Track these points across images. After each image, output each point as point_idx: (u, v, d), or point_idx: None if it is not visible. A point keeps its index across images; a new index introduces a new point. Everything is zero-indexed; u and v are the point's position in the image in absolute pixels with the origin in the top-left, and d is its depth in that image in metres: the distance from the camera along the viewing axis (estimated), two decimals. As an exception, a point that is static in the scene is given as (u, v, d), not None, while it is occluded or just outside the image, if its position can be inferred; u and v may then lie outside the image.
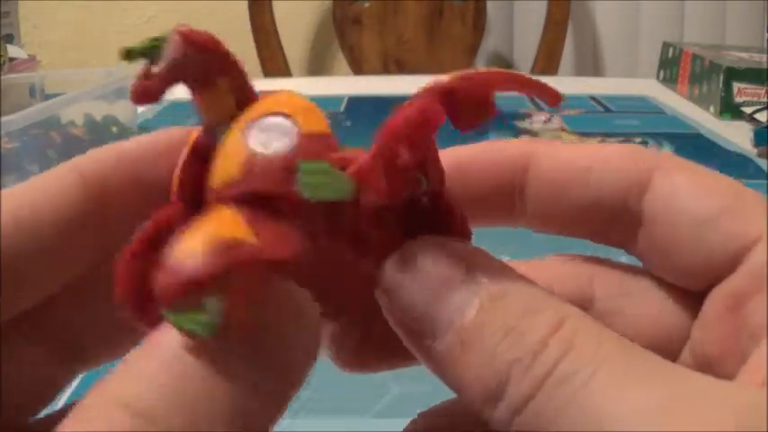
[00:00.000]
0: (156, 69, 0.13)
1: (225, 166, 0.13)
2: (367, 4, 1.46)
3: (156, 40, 0.13)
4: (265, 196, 0.12)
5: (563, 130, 0.75)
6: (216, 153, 0.13)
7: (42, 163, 0.57)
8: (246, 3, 1.40)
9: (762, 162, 0.64)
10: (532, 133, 0.74)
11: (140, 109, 0.77)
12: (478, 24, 1.48)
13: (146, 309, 0.12)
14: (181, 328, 0.11)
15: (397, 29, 1.47)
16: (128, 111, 0.71)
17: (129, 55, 0.13)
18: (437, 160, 0.14)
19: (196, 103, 0.14)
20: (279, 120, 0.13)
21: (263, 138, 0.12)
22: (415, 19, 1.47)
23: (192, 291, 0.11)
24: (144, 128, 0.76)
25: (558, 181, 0.16)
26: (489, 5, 1.49)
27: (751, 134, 0.68)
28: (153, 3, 1.60)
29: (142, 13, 1.61)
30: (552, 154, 0.16)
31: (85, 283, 0.15)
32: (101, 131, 0.67)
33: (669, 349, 0.16)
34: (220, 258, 0.11)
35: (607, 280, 0.17)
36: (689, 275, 0.15)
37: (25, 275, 0.14)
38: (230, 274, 0.11)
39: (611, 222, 0.16)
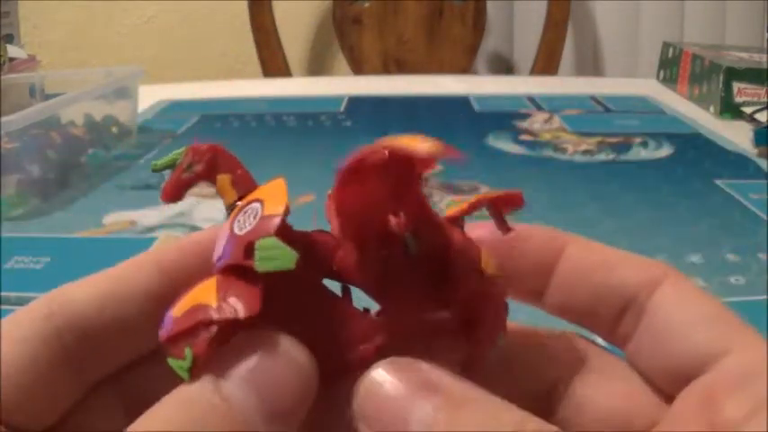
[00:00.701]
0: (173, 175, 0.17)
1: (218, 244, 0.16)
2: (367, 4, 1.46)
3: (176, 154, 0.17)
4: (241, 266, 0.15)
5: (563, 130, 0.75)
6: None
7: (42, 163, 0.57)
8: (246, 3, 1.40)
9: (762, 162, 0.64)
10: (532, 133, 0.74)
11: (140, 109, 0.77)
12: (478, 24, 1.48)
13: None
14: (174, 370, 0.14)
15: (397, 29, 1.47)
16: (128, 111, 0.71)
17: (157, 168, 0.17)
18: (432, 223, 0.16)
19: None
20: (255, 205, 0.16)
21: (241, 221, 0.16)
22: (415, 19, 1.47)
23: (174, 342, 0.14)
24: (144, 128, 0.76)
25: (587, 264, 0.18)
26: (489, 5, 1.49)
27: (751, 134, 0.68)
28: (153, 3, 1.60)
29: (142, 13, 1.61)
30: (584, 243, 0.19)
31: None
32: (101, 131, 0.67)
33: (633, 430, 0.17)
34: (186, 320, 0.14)
35: (594, 357, 0.18)
36: (671, 371, 0.17)
37: (110, 344, 0.17)
38: (198, 328, 0.14)
39: (620, 313, 0.18)
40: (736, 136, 0.72)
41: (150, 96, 0.88)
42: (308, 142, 0.72)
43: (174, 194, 0.17)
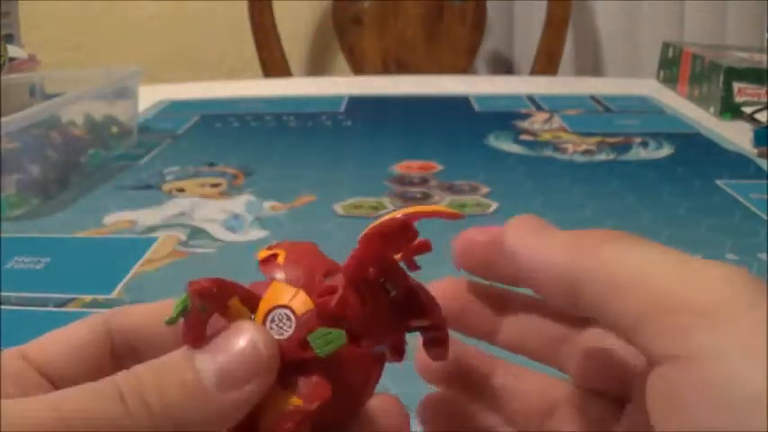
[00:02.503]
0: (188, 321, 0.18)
1: None
2: (367, 4, 1.46)
3: (183, 301, 0.18)
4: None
5: (563, 130, 0.75)
6: None
7: (42, 163, 0.57)
8: (246, 3, 1.40)
9: (762, 162, 0.64)
10: (532, 133, 0.74)
11: (141, 109, 0.77)
12: (478, 24, 1.48)
13: None
14: None
15: (397, 29, 1.47)
16: (128, 111, 0.71)
17: (173, 321, 0.18)
18: (399, 273, 0.20)
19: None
20: (282, 311, 0.19)
21: (276, 328, 0.19)
22: (415, 19, 1.47)
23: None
24: (144, 128, 0.76)
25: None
26: (489, 5, 1.49)
27: (751, 134, 0.68)
28: (153, 3, 1.60)
29: (142, 14, 1.61)
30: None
31: None
32: (101, 131, 0.67)
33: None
34: (295, 421, 0.18)
35: None
36: None
37: (147, 351, 0.20)
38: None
39: None
40: (736, 136, 0.72)
41: (150, 96, 0.88)
42: (308, 142, 0.72)
43: (199, 338, 0.18)
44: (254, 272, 0.20)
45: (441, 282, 0.23)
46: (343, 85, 1.08)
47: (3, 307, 0.39)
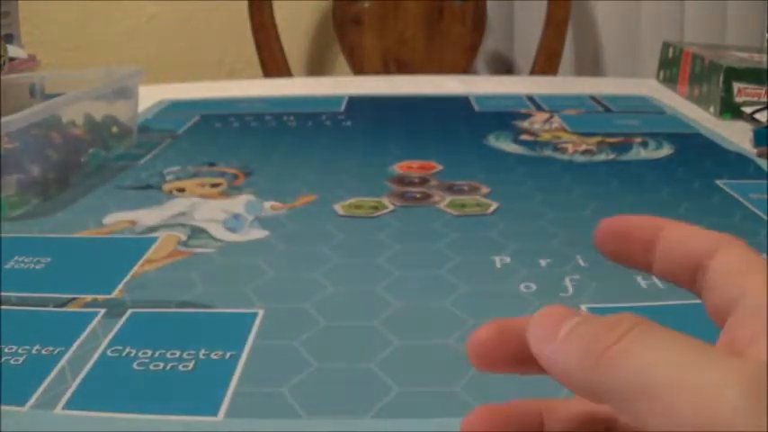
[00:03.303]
0: None
1: None
2: (367, 4, 1.46)
3: None
4: None
5: (563, 130, 0.75)
6: None
7: (42, 163, 0.57)
8: (246, 3, 1.40)
9: (762, 162, 0.64)
10: (532, 133, 0.74)
11: (141, 109, 0.77)
12: (478, 24, 1.48)
13: None
14: None
15: (397, 29, 1.47)
16: (128, 111, 0.71)
17: None
18: None
19: None
20: None
21: None
22: (415, 19, 1.47)
23: None
24: (144, 128, 0.76)
25: (672, 241, 0.22)
26: (489, 5, 1.49)
27: (751, 134, 0.68)
28: (153, 3, 1.60)
29: (142, 13, 1.61)
30: (673, 225, 0.22)
31: None
32: (101, 131, 0.67)
33: None
34: None
35: None
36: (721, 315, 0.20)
37: None
38: None
39: (694, 274, 0.22)
40: (736, 136, 0.72)
41: (150, 96, 0.88)
42: (308, 142, 0.72)
43: None
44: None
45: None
46: (343, 85, 1.08)
47: (3, 307, 0.39)
